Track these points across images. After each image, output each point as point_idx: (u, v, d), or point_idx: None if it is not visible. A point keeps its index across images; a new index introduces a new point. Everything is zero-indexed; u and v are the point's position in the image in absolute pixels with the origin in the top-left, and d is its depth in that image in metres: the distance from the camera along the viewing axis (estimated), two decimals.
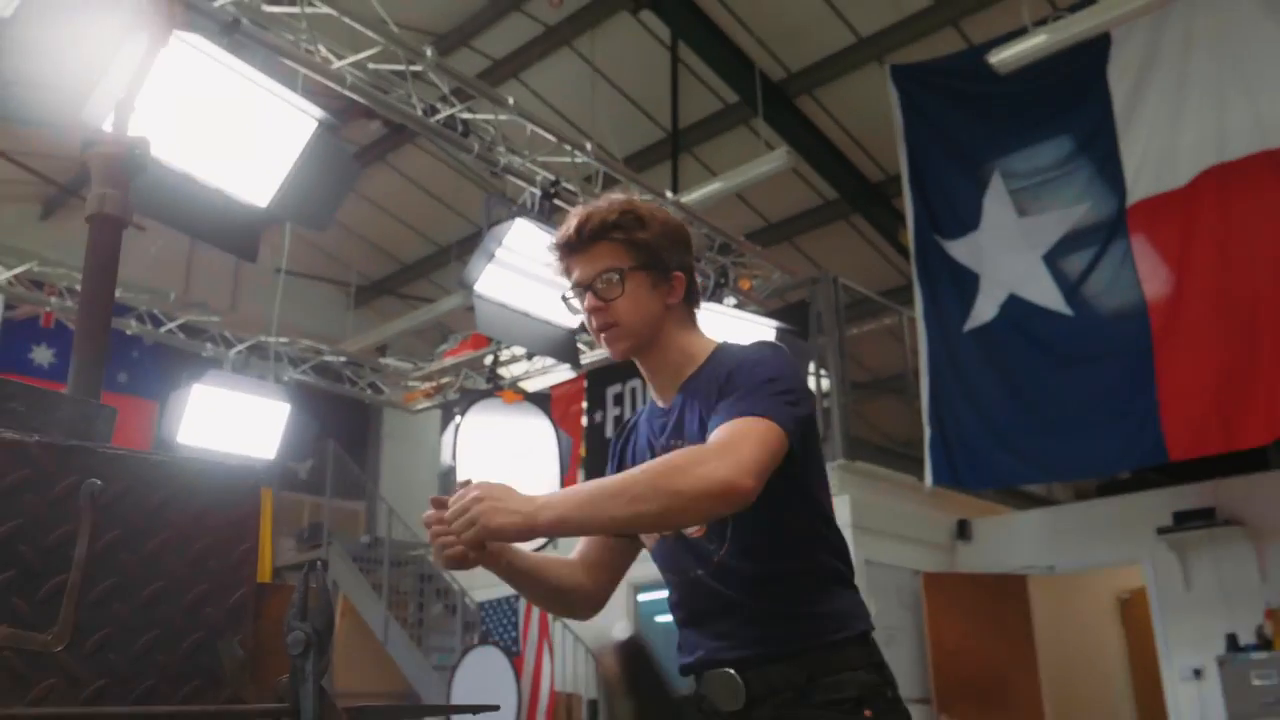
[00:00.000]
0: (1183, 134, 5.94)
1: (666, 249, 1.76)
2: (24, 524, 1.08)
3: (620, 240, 1.72)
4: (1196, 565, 7.22)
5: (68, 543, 1.09)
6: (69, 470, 1.11)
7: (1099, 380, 6.24)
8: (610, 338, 1.75)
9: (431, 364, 7.46)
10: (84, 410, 1.20)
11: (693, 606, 1.73)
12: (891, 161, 7.93)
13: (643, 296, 1.73)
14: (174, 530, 1.18)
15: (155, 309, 6.83)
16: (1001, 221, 6.71)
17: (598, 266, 1.72)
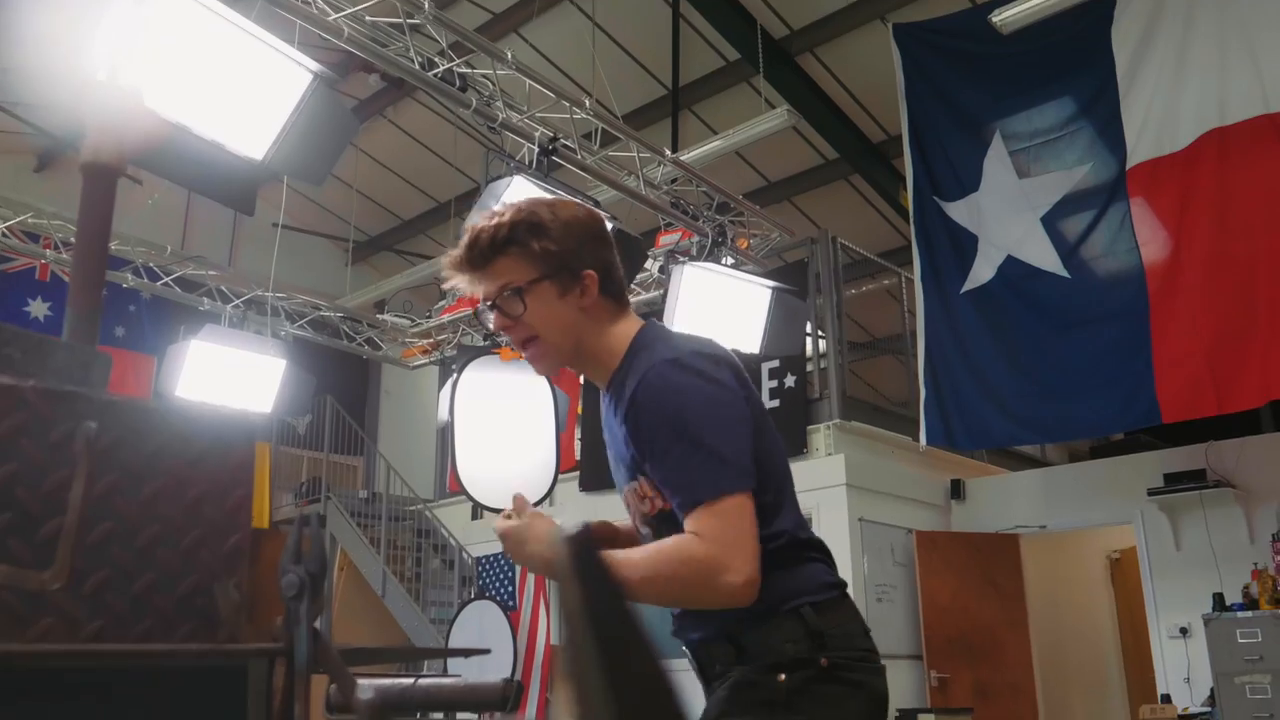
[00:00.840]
0: (1184, 96, 5.91)
1: (573, 251, 1.66)
2: (20, 469, 1.10)
3: (516, 252, 1.64)
4: (1186, 526, 7.29)
5: (64, 487, 1.11)
6: (65, 415, 1.13)
7: (1095, 342, 6.26)
8: (532, 356, 1.70)
9: (429, 320, 7.47)
10: (80, 357, 1.22)
11: None
12: (893, 121, 7.89)
13: (552, 307, 1.65)
14: (170, 476, 1.20)
15: (152, 263, 6.82)
16: (1001, 183, 6.69)
17: (497, 283, 1.65)
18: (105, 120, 1.55)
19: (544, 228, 1.65)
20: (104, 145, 1.54)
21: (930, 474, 8.10)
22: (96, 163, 1.53)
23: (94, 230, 1.49)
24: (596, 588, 0.23)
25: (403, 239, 11.41)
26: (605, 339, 1.70)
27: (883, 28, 7.29)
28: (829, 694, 1.58)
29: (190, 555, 1.20)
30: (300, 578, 1.13)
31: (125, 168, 1.56)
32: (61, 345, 1.22)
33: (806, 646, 1.58)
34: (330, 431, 10.25)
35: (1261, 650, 6.32)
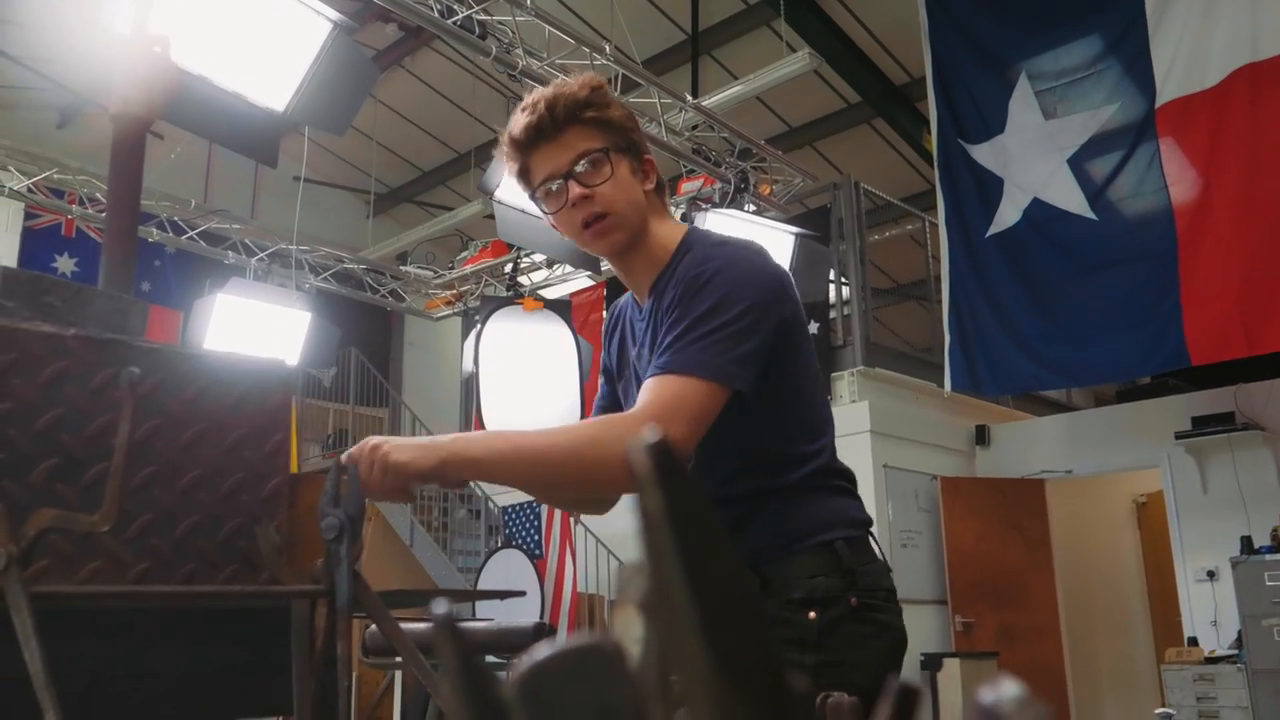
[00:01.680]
0: (1215, 33, 5.77)
1: (635, 130, 1.62)
2: (65, 414, 1.12)
3: (593, 121, 1.55)
4: (1214, 469, 7.26)
5: (108, 432, 1.14)
6: (106, 362, 1.15)
7: (1122, 285, 6.19)
8: (603, 229, 1.56)
9: (452, 272, 7.48)
10: (118, 305, 1.23)
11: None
12: (916, 64, 7.76)
13: (627, 180, 1.57)
14: (210, 421, 1.22)
15: (177, 216, 6.85)
16: (1027, 124, 6.59)
17: (575, 150, 1.54)
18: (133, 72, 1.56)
19: (613, 101, 1.60)
20: (133, 96, 1.54)
21: (955, 420, 8.09)
22: (126, 114, 1.54)
23: (126, 180, 1.50)
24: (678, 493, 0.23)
25: (423, 190, 11.40)
26: (657, 231, 1.62)
27: None
28: (857, 634, 1.53)
29: (231, 498, 1.22)
30: (340, 520, 1.15)
31: (155, 118, 1.57)
32: (100, 293, 1.23)
33: (838, 583, 1.52)
34: (355, 384, 10.32)
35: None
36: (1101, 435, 8.01)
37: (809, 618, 1.50)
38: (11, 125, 8.02)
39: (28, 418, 1.10)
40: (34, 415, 1.11)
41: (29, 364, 1.11)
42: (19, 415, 1.10)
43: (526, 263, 6.92)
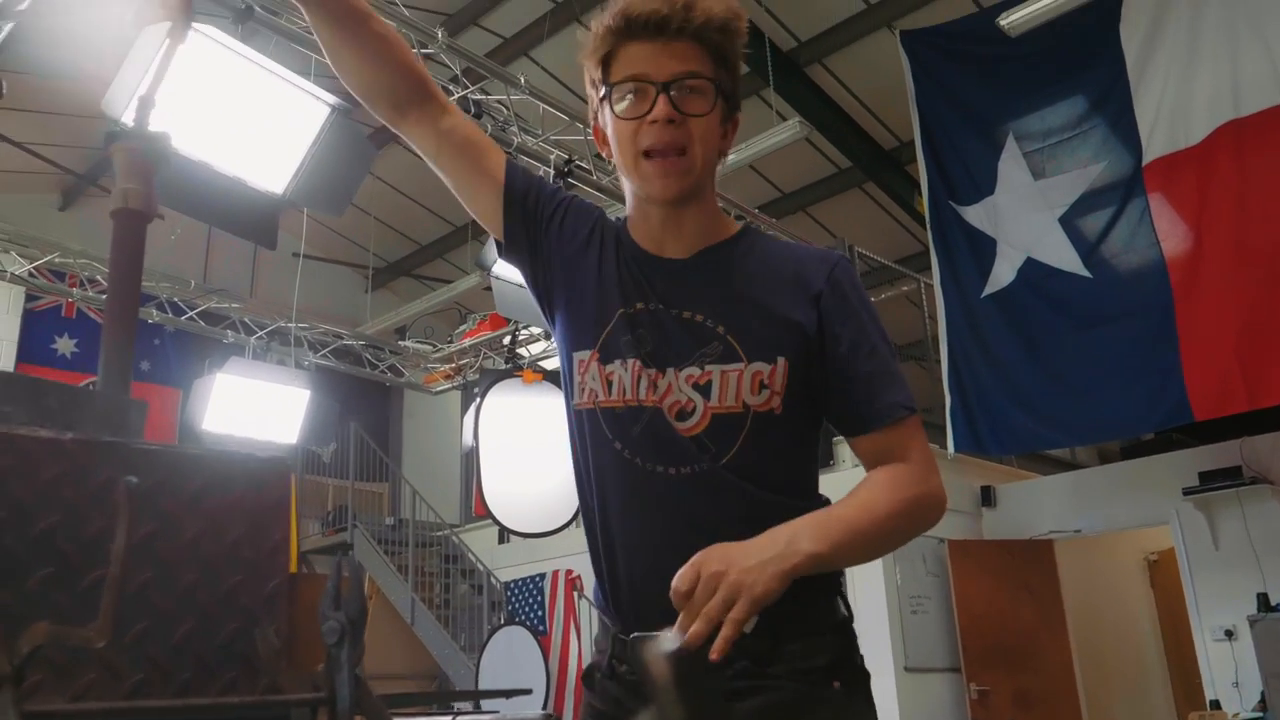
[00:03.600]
0: (1197, 89, 5.86)
1: (739, 83, 1.44)
2: (63, 519, 1.10)
3: (714, 47, 1.35)
4: (1224, 524, 7.19)
5: (106, 536, 1.11)
6: (105, 465, 1.14)
7: (1120, 341, 6.20)
8: (677, 167, 1.35)
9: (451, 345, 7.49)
10: (116, 405, 1.22)
11: (644, 522, 1.37)
12: (904, 128, 7.87)
13: (715, 127, 1.38)
14: (208, 521, 1.20)
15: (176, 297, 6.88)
16: (1017, 184, 6.66)
17: (686, 65, 1.33)
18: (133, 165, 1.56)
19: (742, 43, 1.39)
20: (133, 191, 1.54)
21: (960, 481, 8.04)
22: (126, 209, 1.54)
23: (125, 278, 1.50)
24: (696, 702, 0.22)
25: (421, 263, 11.46)
26: (713, 201, 1.46)
27: (890, 35, 7.28)
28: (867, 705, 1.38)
29: (230, 599, 1.20)
30: (341, 624, 1.12)
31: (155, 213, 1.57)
32: (98, 395, 1.22)
33: (844, 640, 1.40)
34: (355, 459, 10.28)
35: None
36: (1108, 493, 7.95)
37: (834, 688, 1.35)
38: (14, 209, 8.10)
39: (24, 524, 1.09)
40: (31, 521, 1.09)
41: (26, 469, 1.10)
42: (15, 521, 1.08)
43: (525, 335, 6.94)
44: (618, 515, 1.40)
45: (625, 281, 1.43)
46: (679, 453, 1.36)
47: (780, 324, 1.38)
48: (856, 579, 7.20)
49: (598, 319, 1.43)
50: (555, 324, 1.53)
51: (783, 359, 1.36)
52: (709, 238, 1.44)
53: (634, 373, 1.38)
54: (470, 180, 1.53)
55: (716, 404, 1.35)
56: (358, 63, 1.48)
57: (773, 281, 1.41)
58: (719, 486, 1.35)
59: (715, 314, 1.38)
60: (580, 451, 1.46)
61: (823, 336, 1.39)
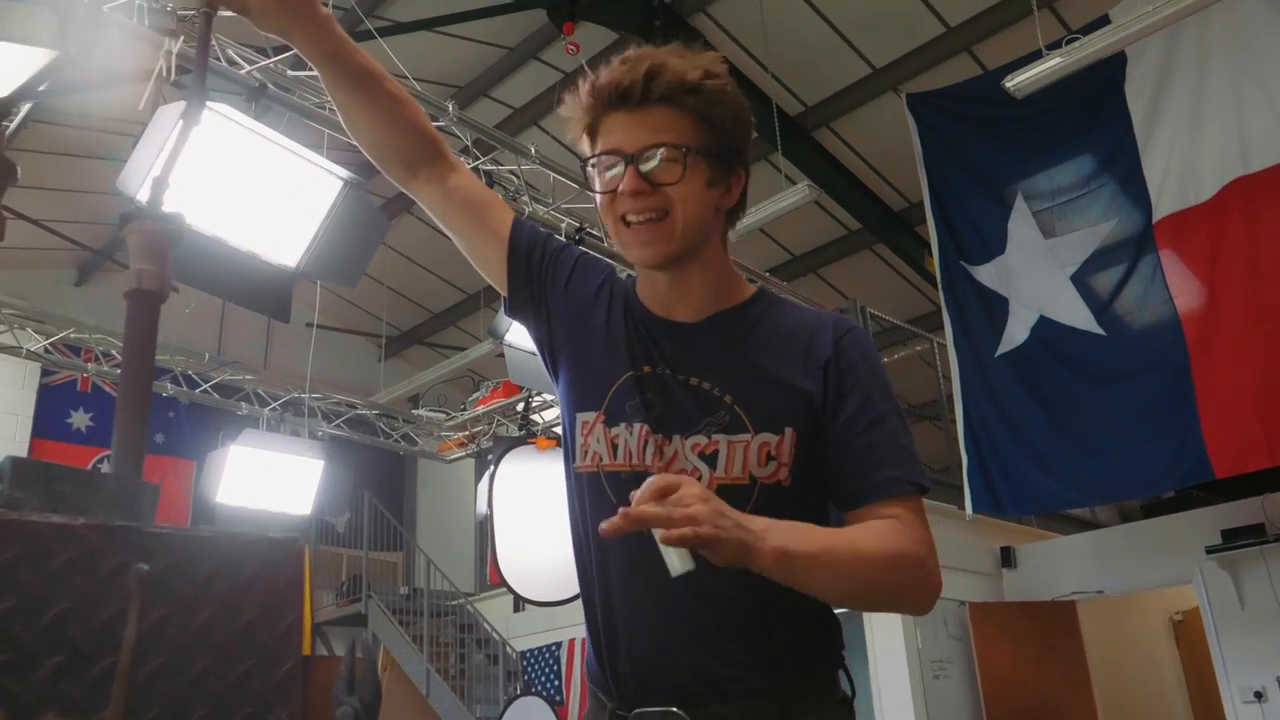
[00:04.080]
0: (1204, 146, 5.89)
1: (736, 137, 1.37)
2: (73, 606, 1.09)
3: (690, 110, 1.32)
4: (1250, 583, 7.06)
5: (116, 622, 1.10)
6: (116, 550, 1.12)
7: (1136, 398, 6.15)
8: (656, 234, 1.33)
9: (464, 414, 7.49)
10: (128, 489, 1.21)
11: (648, 593, 1.32)
12: (913, 189, 7.93)
13: (700, 189, 1.33)
14: (221, 605, 1.19)
15: (191, 370, 6.91)
16: (1027, 243, 6.67)
17: (654, 136, 1.31)
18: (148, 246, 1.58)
19: (725, 98, 1.34)
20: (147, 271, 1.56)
21: (979, 542, 7.93)
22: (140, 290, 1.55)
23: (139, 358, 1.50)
24: None
25: (434, 331, 11.53)
26: (722, 265, 1.42)
27: (896, 99, 7.36)
28: None
29: (242, 685, 1.18)
30: (355, 709, 1.10)
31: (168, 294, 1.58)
32: (110, 478, 1.22)
33: (849, 715, 1.37)
34: (369, 528, 10.23)
35: None
36: (1130, 552, 7.83)
37: None
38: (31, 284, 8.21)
39: (34, 612, 1.07)
40: (41, 609, 1.08)
41: (37, 556, 1.09)
42: (25, 610, 1.07)
43: (538, 401, 6.94)
44: (620, 585, 1.36)
45: (634, 343, 1.40)
46: None
47: (788, 394, 1.35)
48: (877, 644, 7.09)
49: (604, 380, 1.40)
50: (559, 382, 1.50)
51: (790, 430, 1.32)
52: (720, 302, 1.41)
53: (640, 437, 1.35)
54: (477, 237, 1.53)
55: (723, 475, 1.32)
56: (371, 122, 1.49)
57: (782, 350, 1.38)
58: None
59: (723, 382, 1.35)
60: (581, 516, 1.41)
61: (826, 408, 1.35)
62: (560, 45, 7.24)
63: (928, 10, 6.98)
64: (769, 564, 1.14)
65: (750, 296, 1.44)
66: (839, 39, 7.25)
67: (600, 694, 1.38)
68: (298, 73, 4.16)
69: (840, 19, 7.14)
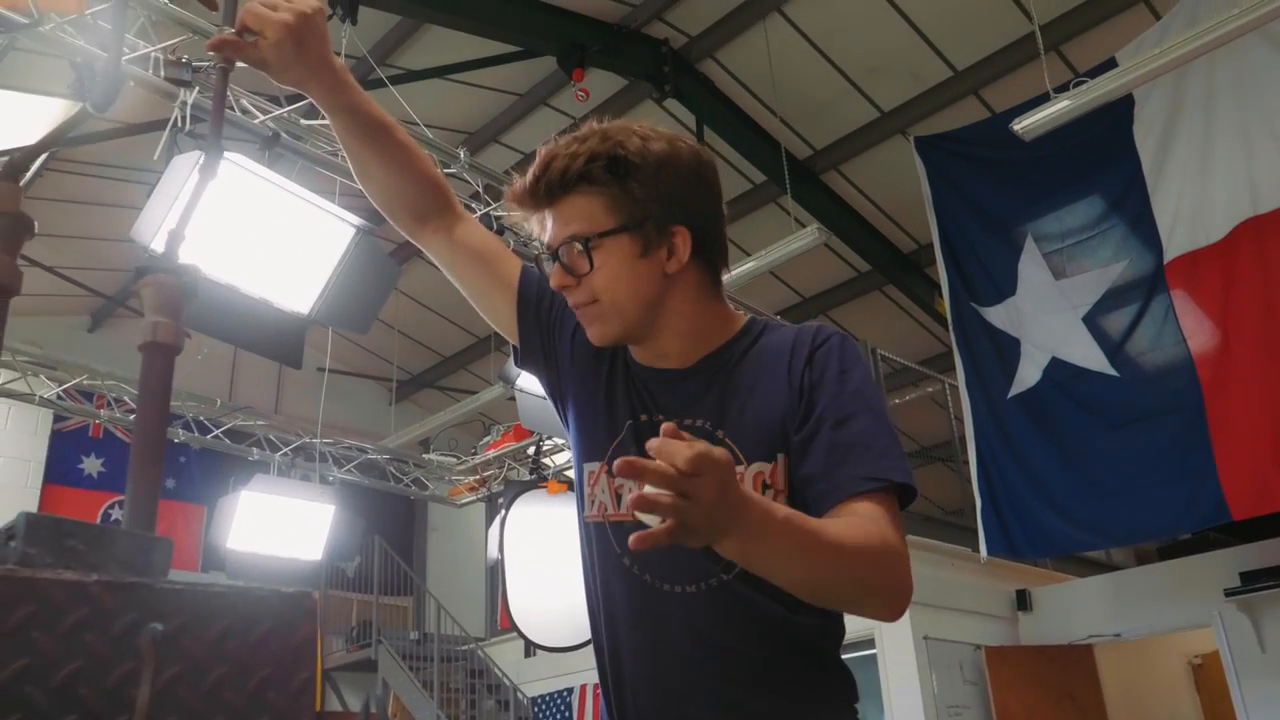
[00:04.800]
0: (1214, 187, 5.90)
1: (665, 199, 1.33)
2: (85, 666, 1.08)
3: (598, 190, 1.32)
4: (1270, 625, 6.96)
5: (129, 682, 1.09)
6: (128, 607, 1.11)
7: (1152, 440, 6.10)
8: (590, 317, 1.36)
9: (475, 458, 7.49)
10: (140, 544, 1.21)
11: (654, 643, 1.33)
12: (922, 231, 7.95)
13: (627, 267, 1.33)
14: (233, 663, 1.17)
15: (202, 416, 6.93)
16: (1038, 285, 6.66)
17: (565, 228, 1.32)
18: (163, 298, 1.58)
19: (630, 165, 1.32)
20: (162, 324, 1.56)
21: (994, 584, 7.85)
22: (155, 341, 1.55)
23: (153, 412, 1.50)
24: None
25: (444, 375, 11.54)
26: (699, 314, 1.39)
27: (904, 141, 7.41)
28: None
29: None
30: None
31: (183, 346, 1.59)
32: (123, 534, 1.21)
33: None
34: (379, 573, 10.18)
35: None
36: (1148, 595, 7.73)
37: None
38: (45, 331, 8.25)
39: (46, 673, 1.06)
40: (52, 670, 1.07)
41: (48, 615, 1.08)
42: (37, 671, 1.06)
43: (549, 445, 6.92)
44: (626, 635, 1.37)
45: (633, 393, 1.42)
46: (691, 567, 1.31)
47: (776, 419, 1.33)
48: (891, 689, 7.00)
49: (608, 430, 1.41)
50: (569, 434, 1.52)
51: (782, 456, 1.31)
52: (706, 346, 1.40)
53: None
54: (486, 287, 1.53)
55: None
56: (382, 172, 1.49)
57: (768, 375, 1.37)
58: (731, 603, 1.30)
59: (714, 418, 1.35)
60: (589, 565, 1.43)
61: (797, 417, 1.31)
62: (570, 91, 7.32)
63: (935, 54, 7.04)
64: (730, 550, 1.06)
65: (739, 330, 1.43)
66: (847, 83, 7.31)
67: None
68: (310, 121, 4.21)
69: (848, 64, 7.21)
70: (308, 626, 1.26)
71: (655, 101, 7.44)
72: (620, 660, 1.36)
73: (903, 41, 6.92)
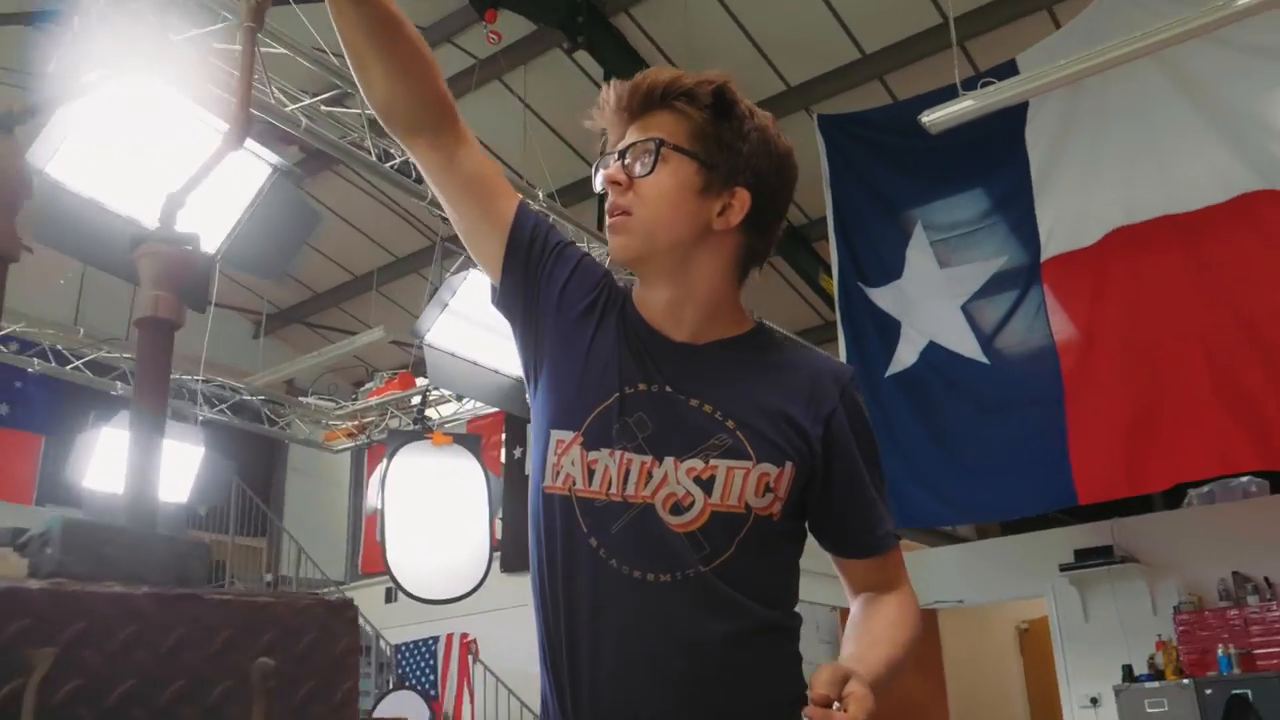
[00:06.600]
0: (1094, 197, 6.23)
1: (746, 157, 1.35)
2: (137, 685, 1.03)
3: (688, 117, 1.35)
4: (1094, 599, 7.57)
5: (181, 700, 1.04)
6: (177, 621, 1.06)
7: (1015, 427, 6.47)
8: (616, 225, 1.36)
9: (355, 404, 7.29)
10: (178, 549, 1.15)
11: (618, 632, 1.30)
12: (814, 206, 8.11)
13: (679, 192, 1.34)
14: (280, 677, 1.14)
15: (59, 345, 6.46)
16: (923, 271, 6.92)
17: (641, 134, 1.36)
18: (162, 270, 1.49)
19: (732, 107, 1.35)
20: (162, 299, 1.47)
21: None
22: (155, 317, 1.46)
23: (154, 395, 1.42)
24: None
25: (316, 312, 11.12)
26: (720, 291, 1.40)
27: (806, 117, 7.52)
28: None
29: None
30: None
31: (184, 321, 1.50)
32: (159, 539, 1.14)
33: None
34: (234, 512, 9.83)
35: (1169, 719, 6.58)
36: (991, 567, 8.27)
37: None
38: None
39: (99, 694, 1.01)
40: (105, 690, 1.01)
41: (99, 632, 1.02)
42: (90, 692, 1.01)
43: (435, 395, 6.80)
44: (587, 621, 1.31)
45: (626, 360, 1.37)
46: (665, 555, 1.30)
47: (791, 429, 1.35)
48: None
49: (587, 401, 1.36)
50: (536, 393, 1.46)
51: (790, 464, 1.33)
52: (719, 331, 1.41)
53: (621, 465, 1.31)
54: (475, 220, 1.46)
55: (718, 502, 1.30)
56: (381, 74, 1.37)
57: (786, 386, 1.38)
58: (705, 596, 1.30)
59: (726, 407, 1.34)
60: (545, 538, 1.36)
61: (829, 456, 1.38)
62: (477, 31, 7.09)
63: (846, 36, 7.14)
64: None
65: (751, 329, 1.45)
66: (758, 54, 7.34)
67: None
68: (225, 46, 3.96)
69: (761, 34, 7.23)
70: (350, 636, 1.23)
71: (564, 52, 7.30)
72: (577, 646, 1.31)
73: (818, 20, 6.98)
